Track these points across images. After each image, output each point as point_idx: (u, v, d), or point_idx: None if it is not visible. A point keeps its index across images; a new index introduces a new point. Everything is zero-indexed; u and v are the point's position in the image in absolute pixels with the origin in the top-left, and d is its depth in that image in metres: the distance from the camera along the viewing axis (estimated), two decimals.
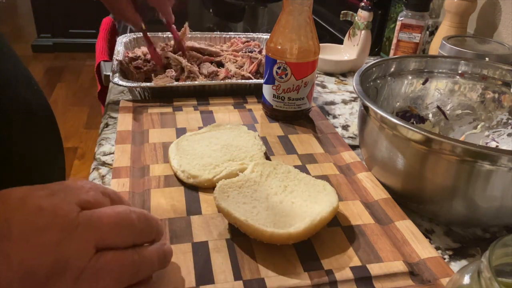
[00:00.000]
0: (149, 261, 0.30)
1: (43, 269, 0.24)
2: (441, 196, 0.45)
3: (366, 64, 0.57)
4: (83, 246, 0.26)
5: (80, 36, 3.22)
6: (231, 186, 0.46)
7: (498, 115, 0.59)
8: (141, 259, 0.30)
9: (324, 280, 0.38)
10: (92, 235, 0.27)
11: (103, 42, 1.05)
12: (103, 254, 0.27)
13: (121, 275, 0.28)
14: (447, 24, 0.85)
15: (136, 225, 0.30)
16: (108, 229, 0.28)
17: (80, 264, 0.26)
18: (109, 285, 0.27)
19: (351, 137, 0.68)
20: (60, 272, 0.25)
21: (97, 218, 0.27)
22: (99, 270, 0.27)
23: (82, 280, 0.26)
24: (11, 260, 0.24)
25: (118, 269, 0.28)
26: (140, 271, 0.30)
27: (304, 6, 0.59)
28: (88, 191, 0.29)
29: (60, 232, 0.25)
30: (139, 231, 0.30)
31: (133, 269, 0.29)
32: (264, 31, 1.22)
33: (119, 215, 0.29)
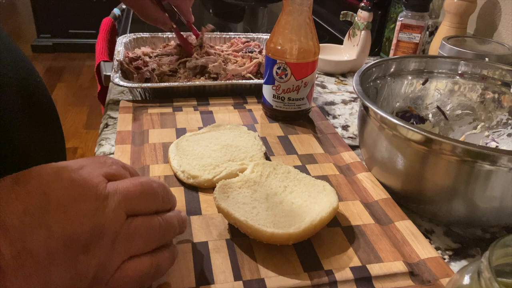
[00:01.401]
0: (172, 225, 0.34)
1: (83, 235, 0.27)
2: (441, 197, 0.45)
3: (366, 65, 0.57)
4: (116, 213, 0.29)
5: (80, 37, 3.23)
6: (231, 187, 0.46)
7: (498, 115, 0.59)
8: (166, 223, 0.33)
9: (324, 280, 0.38)
10: (122, 203, 0.29)
11: (103, 43, 1.05)
12: (133, 219, 0.30)
13: (150, 237, 0.31)
14: (447, 24, 0.85)
15: (158, 193, 0.33)
16: (134, 197, 0.31)
17: (115, 229, 0.28)
18: (140, 247, 0.30)
19: (351, 137, 0.68)
20: (98, 237, 0.27)
21: (124, 188, 0.30)
22: (131, 233, 0.30)
23: (118, 243, 0.29)
24: (53, 230, 0.26)
25: (147, 232, 0.31)
26: (165, 234, 0.33)
27: (304, 6, 0.59)
28: (111, 165, 0.32)
29: (94, 201, 0.28)
30: (160, 198, 0.33)
31: (159, 232, 0.32)
32: (264, 31, 1.22)
33: (142, 185, 0.32)
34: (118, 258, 0.29)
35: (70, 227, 0.27)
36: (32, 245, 0.25)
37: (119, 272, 0.29)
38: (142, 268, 0.30)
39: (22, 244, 0.25)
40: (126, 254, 0.29)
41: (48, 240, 0.26)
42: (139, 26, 1.16)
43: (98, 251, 0.28)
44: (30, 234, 0.25)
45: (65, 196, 0.27)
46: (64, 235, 0.26)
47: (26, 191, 0.26)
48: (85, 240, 0.27)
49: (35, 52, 3.27)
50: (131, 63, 0.75)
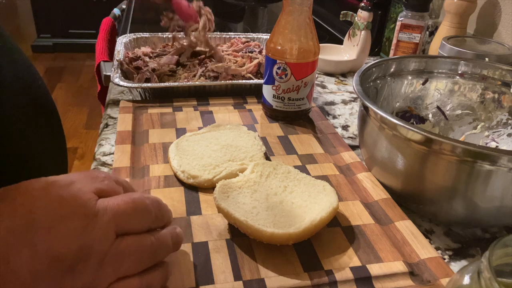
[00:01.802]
0: (165, 243, 0.32)
1: (69, 256, 0.26)
2: (441, 197, 0.45)
3: (366, 65, 0.57)
4: (105, 232, 0.27)
5: (80, 37, 3.23)
6: (231, 187, 0.46)
7: (498, 115, 0.59)
8: (158, 242, 0.31)
9: (324, 280, 0.38)
10: (112, 221, 0.28)
11: (103, 42, 1.05)
12: (123, 238, 0.29)
13: (141, 257, 0.30)
14: (447, 24, 0.85)
15: (151, 210, 0.32)
16: (125, 214, 0.29)
17: (103, 249, 0.27)
18: (130, 267, 0.29)
19: (351, 137, 0.68)
20: (85, 257, 0.26)
21: (114, 205, 0.29)
22: (121, 253, 0.28)
23: (106, 263, 0.27)
24: (38, 249, 0.25)
25: (138, 251, 0.29)
26: (157, 253, 0.31)
27: (304, 6, 0.59)
28: (103, 180, 0.31)
29: (82, 219, 0.27)
30: (153, 216, 0.32)
31: (151, 251, 0.31)
32: (264, 31, 1.22)
33: (134, 201, 0.30)
34: (105, 280, 0.28)
35: (56, 247, 0.25)
36: (15, 266, 0.24)
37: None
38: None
39: (5, 264, 0.24)
40: (114, 275, 0.28)
41: (32, 260, 0.25)
42: (139, 26, 1.16)
43: (84, 272, 0.26)
44: (14, 253, 0.24)
45: (52, 214, 0.26)
46: (49, 255, 0.25)
47: (12, 208, 0.25)
48: (71, 261, 0.26)
49: (35, 52, 3.27)
50: (131, 63, 0.75)
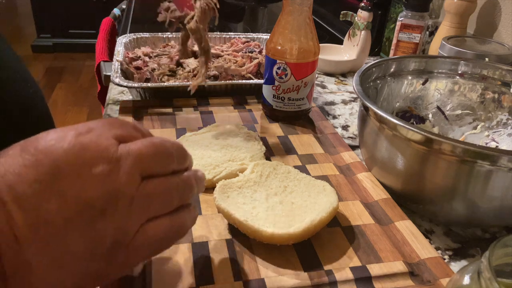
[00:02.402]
0: (189, 184, 0.32)
1: (97, 201, 0.26)
2: (441, 197, 0.45)
3: (366, 65, 0.57)
4: (129, 175, 0.27)
5: (80, 37, 3.23)
6: (231, 187, 0.46)
7: (498, 115, 0.59)
8: (183, 183, 0.32)
9: (324, 280, 0.38)
10: (135, 165, 0.28)
11: (103, 43, 1.05)
12: (149, 181, 0.29)
13: (169, 198, 0.30)
14: (447, 24, 0.85)
15: (172, 153, 0.31)
16: (148, 158, 0.29)
17: (130, 192, 0.27)
18: (158, 208, 0.29)
19: (351, 137, 0.68)
20: (113, 201, 0.26)
21: (136, 149, 0.29)
22: (148, 195, 0.28)
23: (135, 205, 0.27)
24: (67, 197, 0.25)
25: (165, 192, 0.30)
26: (183, 194, 0.32)
27: (304, 6, 0.59)
28: (121, 126, 0.30)
29: (106, 164, 0.27)
30: (175, 158, 0.32)
31: (177, 192, 0.31)
32: (264, 31, 1.22)
33: (155, 145, 0.30)
34: (136, 222, 0.28)
35: (84, 193, 0.26)
36: (46, 214, 0.25)
37: (139, 235, 0.28)
38: (163, 229, 0.30)
39: (36, 212, 0.24)
40: (144, 217, 0.29)
41: (62, 208, 0.25)
42: (139, 26, 1.16)
43: (115, 216, 0.27)
44: (44, 202, 0.25)
45: (75, 161, 0.26)
46: (78, 202, 0.25)
47: (35, 159, 0.25)
48: (100, 205, 0.26)
49: (35, 52, 3.27)
50: (131, 63, 0.76)
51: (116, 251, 0.27)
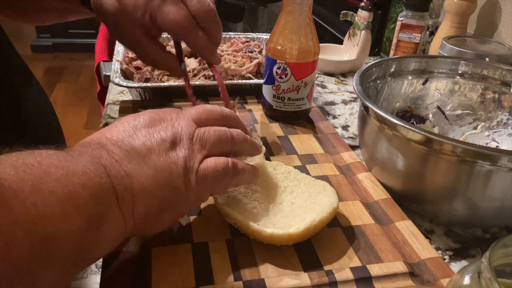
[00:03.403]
0: (239, 135, 0.41)
1: (167, 138, 0.37)
2: (441, 197, 0.45)
3: (366, 64, 0.57)
4: (188, 123, 0.38)
5: (80, 36, 3.22)
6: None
7: (498, 115, 0.59)
8: (232, 132, 0.40)
9: (324, 280, 0.38)
10: (191, 119, 0.39)
11: (102, 42, 1.05)
12: (203, 127, 0.39)
13: (220, 139, 0.39)
14: (447, 24, 0.85)
15: (219, 111, 0.41)
16: (201, 116, 0.40)
17: (190, 132, 0.38)
18: (213, 146, 0.38)
19: (351, 137, 0.68)
20: (179, 139, 0.37)
21: (190, 111, 0.40)
22: (204, 135, 0.38)
23: (195, 142, 0.38)
24: (148, 137, 0.36)
25: (217, 134, 0.39)
26: (234, 141, 0.40)
27: (304, 6, 0.59)
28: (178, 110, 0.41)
29: (170, 120, 0.38)
30: (224, 115, 0.42)
31: (227, 136, 0.39)
32: (264, 31, 1.22)
33: (204, 107, 0.41)
34: (198, 154, 0.37)
35: (158, 134, 0.37)
36: (135, 145, 0.35)
37: (202, 164, 0.37)
38: (220, 163, 0.38)
39: (127, 146, 0.35)
40: (203, 151, 0.38)
41: (145, 142, 0.36)
42: None
43: (181, 148, 0.37)
44: (132, 140, 0.36)
45: (150, 120, 0.38)
46: (156, 138, 0.36)
47: (120, 124, 0.37)
48: (170, 140, 0.37)
49: (35, 52, 3.27)
50: (131, 63, 0.75)
51: (188, 175, 0.36)
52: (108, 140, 0.35)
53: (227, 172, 0.38)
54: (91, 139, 0.35)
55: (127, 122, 0.38)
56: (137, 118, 0.38)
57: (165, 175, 0.35)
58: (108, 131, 0.36)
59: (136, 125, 0.37)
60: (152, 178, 0.34)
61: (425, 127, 0.62)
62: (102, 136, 0.36)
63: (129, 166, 0.34)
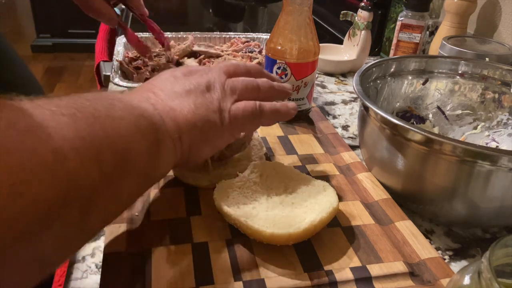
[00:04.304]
0: (266, 83, 0.46)
1: (202, 84, 0.42)
2: (441, 197, 0.45)
3: (366, 64, 0.57)
4: (219, 74, 0.44)
5: (80, 36, 3.22)
6: (231, 187, 0.45)
7: (498, 115, 0.59)
8: (259, 82, 0.46)
9: (324, 280, 0.38)
10: (222, 70, 0.45)
11: (102, 43, 1.05)
12: (233, 78, 0.45)
13: (248, 87, 0.45)
14: (447, 24, 0.85)
15: (245, 66, 0.47)
16: (231, 69, 0.46)
17: (221, 80, 0.43)
18: (242, 92, 0.44)
19: (351, 137, 0.68)
20: (212, 84, 0.43)
21: (219, 65, 0.46)
22: (234, 83, 0.44)
23: (226, 87, 0.43)
24: (186, 83, 0.42)
25: (245, 83, 0.45)
26: (260, 89, 0.46)
27: (304, 6, 0.59)
28: None
29: (203, 72, 0.44)
30: (248, 69, 0.47)
31: (254, 85, 0.45)
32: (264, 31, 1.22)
33: (232, 62, 0.47)
34: (229, 97, 0.43)
35: (195, 80, 0.43)
36: (176, 89, 0.41)
37: (234, 106, 0.43)
38: (249, 105, 0.43)
39: (169, 89, 0.41)
40: (234, 95, 0.43)
41: (184, 86, 0.42)
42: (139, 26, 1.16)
43: (215, 91, 0.42)
44: (173, 86, 0.42)
45: (186, 72, 0.44)
46: (193, 83, 0.42)
47: (161, 77, 0.44)
48: (205, 86, 0.42)
49: (35, 52, 3.27)
50: (131, 63, 0.75)
51: (223, 113, 0.42)
52: (154, 85, 0.42)
53: (255, 113, 0.44)
54: (140, 87, 0.42)
55: (169, 73, 0.44)
56: (176, 71, 0.44)
57: (203, 110, 0.41)
58: (152, 81, 0.43)
59: (176, 74, 0.43)
60: (193, 112, 0.40)
61: (425, 127, 0.62)
62: (148, 84, 0.42)
63: (173, 103, 0.40)
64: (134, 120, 0.34)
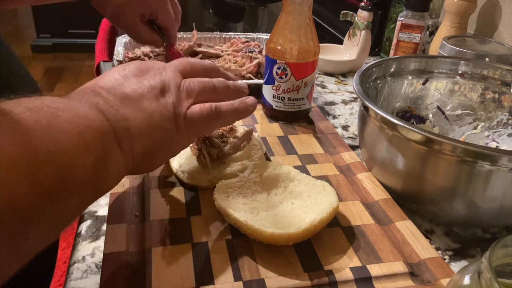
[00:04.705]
0: (222, 83, 0.44)
1: (157, 85, 0.40)
2: (441, 197, 0.45)
3: (366, 64, 0.57)
4: (175, 74, 0.41)
5: (80, 36, 3.22)
6: (231, 187, 0.45)
7: (498, 115, 0.59)
8: (216, 81, 0.43)
9: (324, 280, 0.38)
10: (177, 69, 0.42)
11: (102, 43, 1.05)
12: (189, 78, 0.42)
13: (204, 88, 0.42)
14: (447, 24, 0.85)
15: (200, 64, 0.45)
16: (186, 67, 0.43)
17: (177, 82, 0.41)
18: (198, 93, 0.41)
19: (351, 137, 0.68)
20: (167, 86, 0.40)
21: (174, 63, 0.43)
22: (189, 84, 0.41)
23: (181, 90, 0.41)
24: (138, 84, 0.39)
25: (201, 84, 0.42)
26: (217, 90, 0.43)
27: (304, 6, 0.59)
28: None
29: (157, 70, 0.41)
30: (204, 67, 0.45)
31: (211, 86, 0.43)
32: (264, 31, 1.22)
33: (187, 59, 0.44)
34: (185, 100, 0.41)
35: (148, 82, 0.40)
36: (127, 92, 0.38)
37: (189, 110, 0.40)
38: (205, 109, 0.41)
39: (120, 92, 0.38)
40: (190, 98, 0.41)
41: (136, 89, 0.39)
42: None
43: (170, 95, 0.40)
44: (123, 88, 0.38)
45: (138, 69, 0.40)
46: (146, 85, 0.39)
47: (111, 74, 0.40)
48: (159, 89, 0.40)
49: (35, 52, 3.27)
50: None
51: (178, 119, 0.40)
52: (101, 88, 0.37)
53: (212, 116, 0.41)
54: (85, 88, 0.38)
55: (117, 71, 0.40)
56: (126, 68, 0.41)
57: (157, 118, 0.38)
58: (100, 80, 0.39)
59: (126, 74, 0.40)
60: (147, 121, 0.38)
61: (425, 127, 0.62)
62: (95, 85, 0.38)
63: (125, 111, 0.37)
64: (79, 132, 0.31)
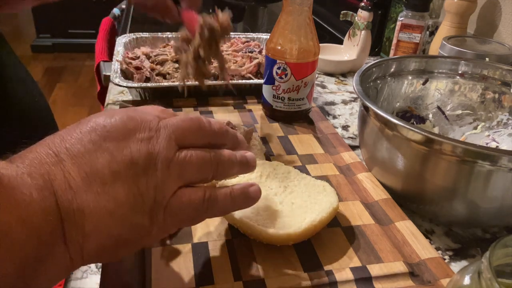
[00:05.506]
0: (225, 160, 0.35)
1: (140, 160, 0.30)
2: (441, 197, 0.45)
3: (366, 64, 0.57)
4: (168, 142, 0.31)
5: (80, 36, 3.22)
6: None
7: (498, 115, 0.59)
8: (218, 157, 0.34)
9: (324, 280, 0.38)
10: (172, 134, 0.32)
11: (102, 42, 1.05)
12: (184, 150, 0.32)
13: (201, 167, 0.33)
14: (447, 24, 0.85)
15: (206, 126, 0.34)
16: (184, 129, 0.33)
17: (168, 156, 0.31)
18: (192, 176, 0.32)
19: (351, 137, 0.68)
20: (154, 162, 0.31)
21: (174, 122, 0.33)
22: (183, 161, 0.32)
23: (172, 168, 0.31)
24: (115, 155, 0.30)
25: (198, 162, 0.33)
26: (218, 168, 0.34)
27: (304, 6, 0.59)
28: (163, 111, 0.35)
29: (148, 132, 0.31)
30: (212, 132, 0.35)
31: (210, 163, 0.33)
32: (264, 31, 1.22)
33: (191, 119, 0.34)
34: (173, 183, 0.31)
35: (129, 152, 0.30)
36: (97, 167, 0.29)
37: (175, 197, 0.31)
38: (196, 196, 0.32)
39: (88, 167, 0.29)
40: (180, 180, 0.32)
41: (111, 162, 0.29)
42: (138, 26, 1.16)
43: (155, 174, 0.30)
44: (95, 158, 0.29)
45: (123, 127, 0.31)
46: (125, 159, 0.30)
47: (89, 128, 0.30)
48: (143, 164, 0.30)
49: (35, 52, 3.27)
50: (131, 63, 0.75)
51: (156, 210, 0.31)
52: (67, 152, 0.29)
53: (202, 208, 0.33)
54: (49, 148, 0.29)
55: (97, 125, 0.31)
56: (109, 121, 0.31)
57: (126, 210, 0.29)
58: (70, 137, 0.30)
59: (106, 133, 0.30)
60: (110, 215, 0.29)
61: (425, 127, 0.62)
62: (62, 145, 0.29)
63: (85, 197, 0.28)
64: (2, 232, 0.25)
